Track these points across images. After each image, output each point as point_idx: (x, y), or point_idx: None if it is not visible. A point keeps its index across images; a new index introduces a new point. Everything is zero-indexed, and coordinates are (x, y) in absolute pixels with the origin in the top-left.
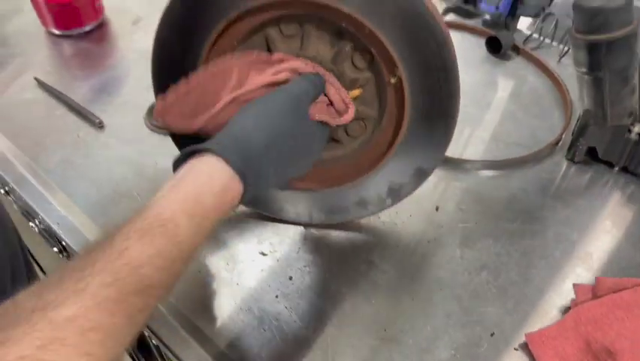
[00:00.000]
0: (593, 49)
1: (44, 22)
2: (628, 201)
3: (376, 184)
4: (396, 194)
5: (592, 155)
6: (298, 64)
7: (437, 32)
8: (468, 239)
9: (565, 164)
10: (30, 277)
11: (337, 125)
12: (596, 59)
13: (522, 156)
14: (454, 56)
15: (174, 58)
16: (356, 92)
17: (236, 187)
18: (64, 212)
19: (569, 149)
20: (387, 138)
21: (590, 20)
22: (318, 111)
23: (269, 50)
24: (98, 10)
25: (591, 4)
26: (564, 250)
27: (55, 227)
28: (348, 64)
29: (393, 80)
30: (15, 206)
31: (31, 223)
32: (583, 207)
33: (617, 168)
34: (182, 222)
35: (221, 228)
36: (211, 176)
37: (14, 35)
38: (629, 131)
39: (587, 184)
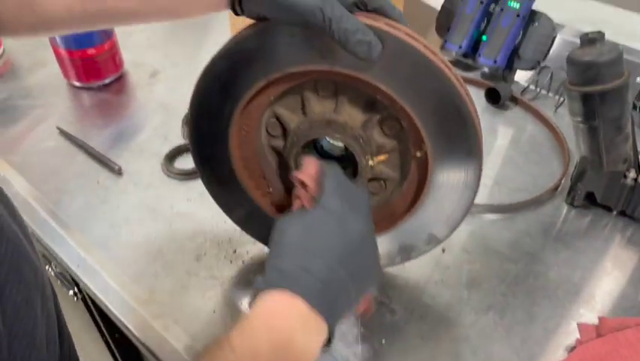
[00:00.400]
0: (587, 100)
1: (66, 75)
2: (627, 243)
3: (389, 242)
4: (406, 254)
5: (591, 199)
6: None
7: (469, 122)
8: (474, 280)
9: (565, 208)
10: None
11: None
12: (591, 109)
13: (524, 201)
14: (481, 144)
15: (212, 106)
16: (381, 158)
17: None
18: (84, 254)
19: (569, 193)
20: (405, 202)
21: (582, 73)
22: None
23: (303, 107)
24: (118, 64)
25: (583, 59)
26: (567, 290)
27: (74, 268)
28: (377, 130)
29: (418, 154)
30: None
31: (47, 267)
32: (583, 249)
33: (615, 212)
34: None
35: (241, 269)
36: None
37: (38, 87)
38: (625, 176)
39: (587, 227)
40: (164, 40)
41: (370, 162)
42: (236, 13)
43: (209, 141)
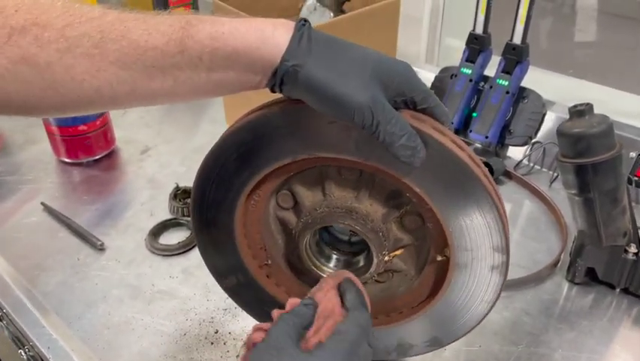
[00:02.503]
0: (580, 172)
1: (56, 152)
2: (634, 323)
3: (386, 337)
4: (403, 352)
5: (592, 276)
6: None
7: (502, 237)
8: None
9: (566, 285)
10: None
11: None
12: (584, 181)
13: (522, 277)
14: (508, 262)
15: (225, 172)
16: (397, 253)
17: None
18: (56, 335)
19: (568, 270)
20: (413, 300)
21: (573, 145)
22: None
23: (323, 188)
24: (110, 141)
25: (572, 131)
26: None
27: (44, 351)
28: (396, 222)
29: (439, 258)
30: (6, 332)
31: (20, 351)
32: (588, 329)
33: (618, 290)
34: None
35: (223, 352)
36: None
37: (26, 163)
38: (626, 251)
39: (590, 306)
40: (159, 118)
41: (387, 258)
42: (274, 92)
43: (214, 206)
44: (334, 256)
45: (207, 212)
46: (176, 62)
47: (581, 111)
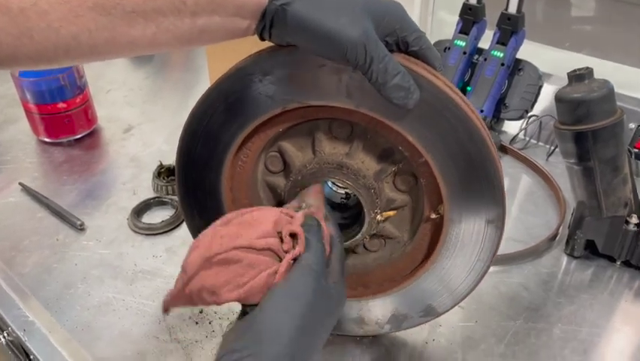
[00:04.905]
0: (579, 139)
1: (35, 131)
2: (635, 297)
3: (380, 308)
4: (397, 323)
5: (592, 249)
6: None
7: (497, 187)
8: (470, 339)
9: (565, 259)
10: None
11: None
12: (584, 148)
13: (519, 251)
14: (505, 213)
15: (214, 124)
16: (390, 214)
17: None
18: (33, 318)
19: (567, 243)
20: (407, 266)
21: (573, 111)
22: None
23: (313, 145)
24: (91, 119)
25: (572, 96)
26: (574, 349)
27: (20, 334)
28: (389, 183)
29: (433, 216)
30: None
31: None
32: (588, 303)
33: (619, 263)
34: None
35: (208, 331)
36: None
37: (5, 143)
38: (627, 222)
39: (590, 279)
40: (143, 98)
41: (379, 217)
42: (262, 39)
43: (200, 165)
44: None
45: (193, 172)
46: (158, 7)
47: (580, 75)
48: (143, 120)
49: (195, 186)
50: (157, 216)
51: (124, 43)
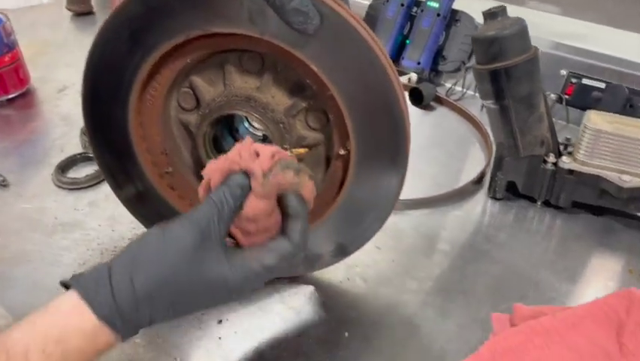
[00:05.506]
0: (494, 78)
1: None
2: (552, 234)
3: None
4: (311, 264)
5: (514, 191)
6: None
7: (400, 123)
8: (384, 277)
9: (489, 202)
10: None
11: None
12: (499, 87)
13: (442, 194)
14: (409, 145)
15: (118, 53)
16: (301, 151)
17: (107, 332)
18: None
19: (490, 185)
20: (318, 205)
21: (487, 50)
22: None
23: (224, 77)
24: (23, 79)
25: (486, 34)
26: (486, 284)
27: None
28: (301, 121)
29: (342, 152)
30: None
31: None
32: (507, 242)
33: (539, 203)
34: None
35: None
36: (82, 316)
37: None
38: (545, 161)
39: (511, 221)
40: (81, 58)
41: (289, 153)
42: None
43: (106, 98)
44: None
45: (100, 106)
46: None
47: (493, 13)
48: (78, 80)
49: (103, 121)
50: (83, 172)
51: None
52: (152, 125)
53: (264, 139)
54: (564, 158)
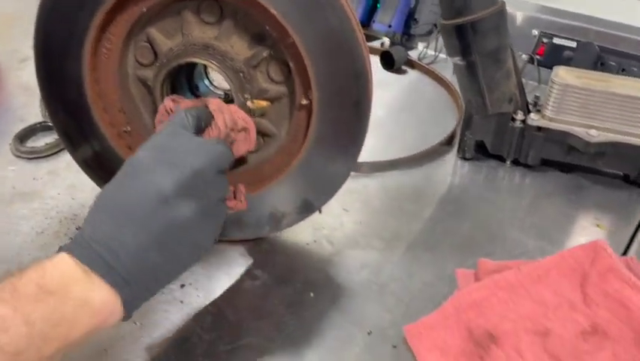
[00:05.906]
0: (460, 33)
1: None
2: (521, 192)
3: (259, 208)
4: (276, 223)
5: (483, 152)
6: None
7: (359, 64)
8: (350, 239)
9: (459, 163)
10: None
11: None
12: (465, 42)
13: (410, 155)
14: (371, 93)
15: (69, 4)
16: (263, 103)
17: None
18: None
19: (459, 146)
20: (283, 160)
21: (452, 4)
22: None
23: (182, 28)
24: None
25: None
26: (452, 243)
27: None
28: (262, 71)
29: (304, 102)
30: None
31: None
32: (474, 202)
33: (508, 162)
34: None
35: None
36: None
37: None
38: (513, 119)
39: (481, 181)
40: None
41: (249, 103)
42: None
43: (59, 52)
44: None
45: (52, 61)
46: None
47: None
48: None
49: (56, 76)
50: (42, 141)
51: None
52: (109, 81)
53: (226, 97)
54: (532, 115)
